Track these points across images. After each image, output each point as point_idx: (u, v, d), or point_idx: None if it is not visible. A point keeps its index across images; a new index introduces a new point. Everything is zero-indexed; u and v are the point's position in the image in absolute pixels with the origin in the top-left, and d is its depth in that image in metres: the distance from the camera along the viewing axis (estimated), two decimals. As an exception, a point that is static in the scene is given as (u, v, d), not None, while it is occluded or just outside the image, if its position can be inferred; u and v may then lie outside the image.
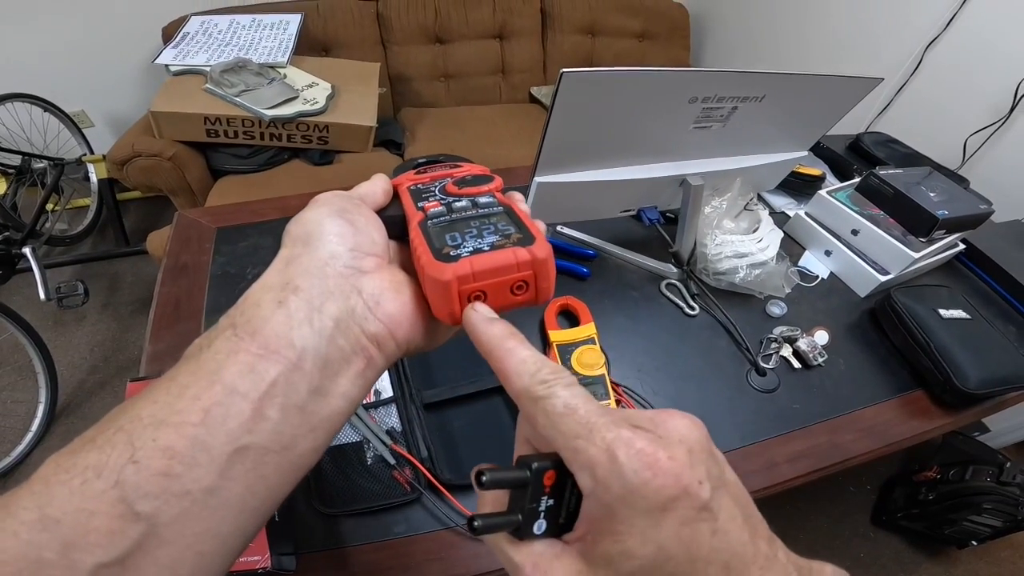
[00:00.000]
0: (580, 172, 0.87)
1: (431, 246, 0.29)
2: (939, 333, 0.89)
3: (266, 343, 0.25)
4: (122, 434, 0.22)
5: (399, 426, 0.76)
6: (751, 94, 0.83)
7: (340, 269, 0.29)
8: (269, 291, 0.27)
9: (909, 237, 1.03)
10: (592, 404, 0.23)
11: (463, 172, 0.38)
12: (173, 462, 0.22)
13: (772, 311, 0.99)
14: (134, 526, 0.21)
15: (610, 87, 0.74)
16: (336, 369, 0.27)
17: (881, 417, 0.86)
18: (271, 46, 1.97)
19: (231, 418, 0.24)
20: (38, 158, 2.11)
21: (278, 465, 0.25)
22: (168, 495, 0.22)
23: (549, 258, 0.29)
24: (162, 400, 0.24)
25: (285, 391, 0.25)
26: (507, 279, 0.28)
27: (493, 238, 0.29)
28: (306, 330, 0.26)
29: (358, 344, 0.28)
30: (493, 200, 0.33)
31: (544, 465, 0.23)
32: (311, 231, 0.30)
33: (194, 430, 0.23)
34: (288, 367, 0.25)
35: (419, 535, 0.68)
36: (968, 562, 1.60)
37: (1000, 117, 1.64)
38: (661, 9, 2.61)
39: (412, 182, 0.37)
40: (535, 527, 0.24)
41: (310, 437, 0.26)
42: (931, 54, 1.83)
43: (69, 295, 1.71)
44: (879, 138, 1.47)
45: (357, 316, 0.28)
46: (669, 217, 1.07)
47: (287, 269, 0.28)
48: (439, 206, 0.33)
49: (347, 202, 0.32)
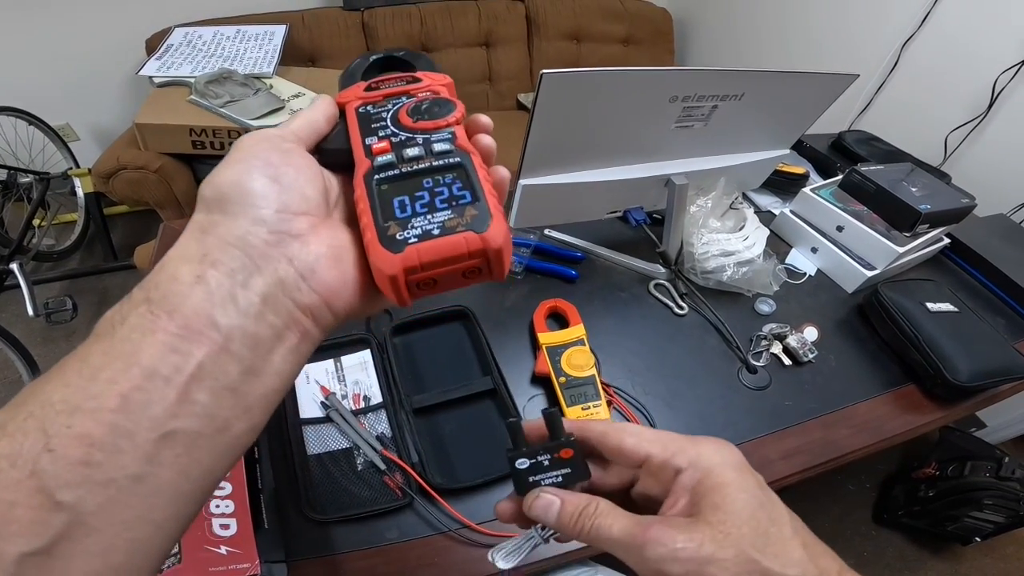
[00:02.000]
0: (565, 174, 0.87)
1: (376, 219, 0.27)
2: (928, 327, 0.90)
3: (186, 322, 0.23)
4: (33, 420, 0.21)
5: (389, 431, 0.76)
6: (730, 92, 0.84)
7: (265, 237, 0.26)
8: (186, 263, 0.25)
9: (893, 232, 1.03)
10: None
11: (422, 90, 0.33)
12: (92, 450, 0.21)
13: (761, 309, 1.00)
14: (56, 515, 0.20)
15: (590, 87, 0.74)
16: (268, 347, 0.25)
17: (874, 412, 0.86)
18: (256, 57, 1.97)
19: (154, 404, 0.22)
20: (24, 172, 2.09)
21: (212, 448, 0.24)
22: (91, 483, 0.21)
23: (504, 244, 0.27)
24: (74, 383, 0.22)
25: (214, 374, 0.23)
26: (458, 267, 0.26)
27: (445, 214, 0.27)
28: (231, 309, 0.24)
29: (290, 318, 0.26)
30: (450, 144, 0.30)
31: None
32: (227, 194, 0.26)
33: (112, 416, 0.21)
34: (215, 348, 0.23)
35: (411, 540, 0.67)
36: (973, 558, 1.60)
37: (979, 113, 1.66)
38: (645, 14, 2.64)
39: (362, 101, 0.33)
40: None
41: (245, 418, 0.25)
42: (908, 52, 1.85)
43: (57, 311, 1.69)
44: (861, 136, 1.48)
45: (288, 288, 0.26)
46: (655, 218, 1.08)
47: (204, 239, 0.25)
48: (389, 150, 0.29)
49: (272, 151, 0.28)
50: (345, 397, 0.79)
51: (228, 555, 0.59)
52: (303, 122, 0.31)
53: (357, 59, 0.37)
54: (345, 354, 0.84)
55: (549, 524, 0.33)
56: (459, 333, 0.90)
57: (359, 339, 0.85)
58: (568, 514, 0.32)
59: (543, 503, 0.33)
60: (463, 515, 0.68)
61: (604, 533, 0.30)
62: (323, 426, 0.76)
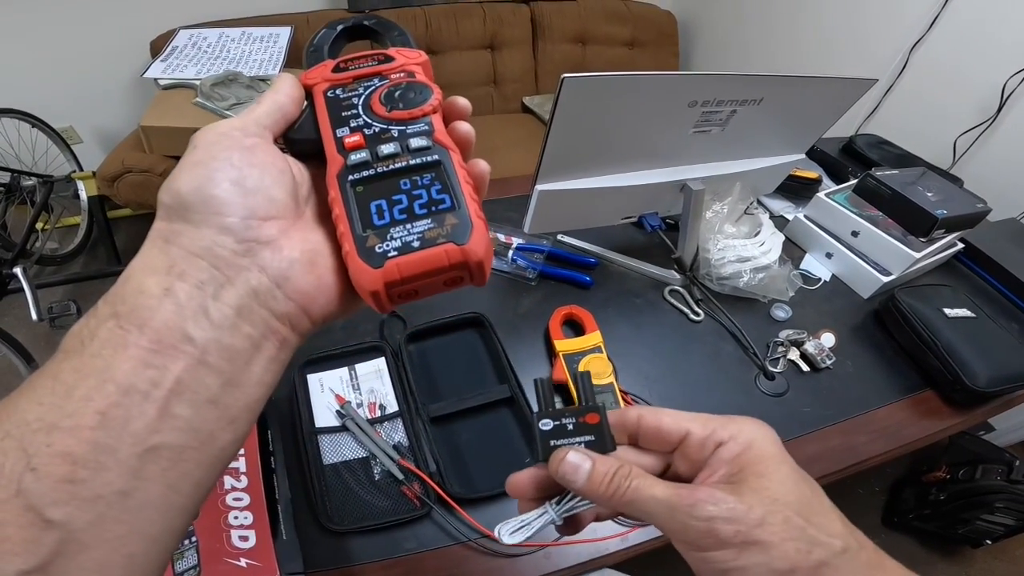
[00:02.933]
0: (581, 179, 0.86)
1: (354, 228, 0.26)
2: (946, 332, 0.89)
3: (158, 337, 0.22)
4: (10, 440, 0.21)
5: (406, 441, 0.75)
6: (750, 97, 0.83)
7: (232, 247, 0.24)
8: (152, 274, 0.24)
9: (909, 237, 1.03)
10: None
11: (395, 70, 0.31)
12: (76, 467, 0.20)
13: (777, 315, 0.99)
14: (48, 533, 0.20)
15: (611, 91, 0.74)
16: (247, 358, 0.25)
17: (893, 418, 0.86)
18: (262, 59, 1.96)
19: (133, 419, 0.21)
20: (27, 175, 2.08)
21: (199, 461, 0.23)
22: (78, 500, 0.20)
23: (485, 255, 0.26)
24: (48, 401, 0.21)
25: (193, 387, 0.23)
26: (438, 279, 0.26)
27: (425, 223, 0.26)
28: (203, 322, 0.23)
29: (267, 328, 0.25)
30: (427, 139, 0.28)
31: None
32: (188, 202, 0.25)
33: (92, 434, 0.21)
34: (192, 362, 0.23)
35: (430, 551, 0.66)
36: (984, 561, 1.60)
37: (988, 116, 1.66)
38: (649, 16, 2.63)
39: (330, 83, 0.31)
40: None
41: (230, 429, 0.24)
42: (916, 55, 1.84)
43: (61, 315, 1.69)
44: (871, 140, 1.48)
45: (262, 297, 0.25)
46: (670, 223, 1.07)
47: (168, 248, 0.24)
48: (363, 145, 0.28)
49: (234, 149, 0.26)
50: (360, 406, 0.78)
51: (248, 567, 0.58)
52: (268, 108, 0.29)
53: (323, 29, 0.34)
54: (359, 362, 0.83)
55: (576, 486, 0.31)
56: (474, 340, 0.89)
57: (373, 347, 0.84)
58: (601, 474, 0.31)
59: (573, 462, 0.31)
60: (482, 524, 0.67)
61: (645, 493, 0.29)
62: (339, 435, 0.75)
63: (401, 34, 0.35)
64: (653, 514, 0.29)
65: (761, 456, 0.29)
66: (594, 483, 0.31)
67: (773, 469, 0.29)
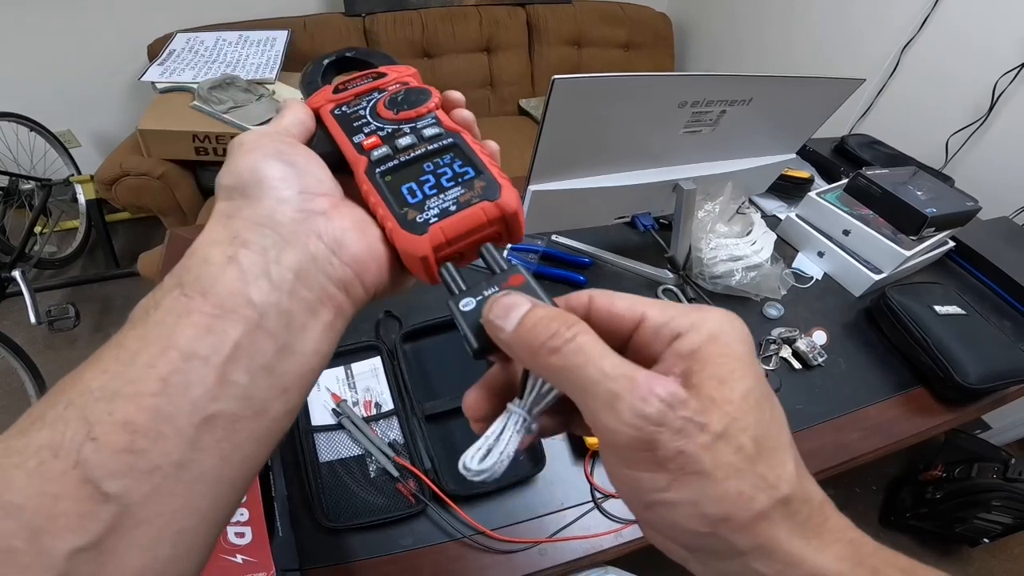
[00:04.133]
0: (574, 180, 0.87)
1: (392, 208, 0.27)
2: (936, 329, 0.90)
3: (220, 302, 0.23)
4: (73, 409, 0.20)
5: (401, 438, 0.75)
6: (739, 97, 0.84)
7: (292, 215, 0.26)
8: (216, 245, 0.24)
9: (899, 236, 1.04)
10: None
11: (391, 83, 0.34)
12: (135, 436, 0.20)
13: (769, 313, 1.00)
14: (104, 507, 0.19)
15: (602, 93, 0.75)
16: (302, 323, 0.25)
17: (885, 415, 0.87)
18: (259, 62, 1.97)
19: (194, 386, 0.21)
20: (26, 179, 2.08)
21: (252, 431, 0.23)
22: (136, 472, 0.20)
23: (519, 207, 0.28)
24: (112, 369, 0.21)
25: (250, 353, 0.23)
26: (480, 237, 0.27)
27: (456, 191, 0.28)
28: (264, 285, 0.24)
29: (324, 293, 0.26)
30: (438, 126, 0.31)
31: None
32: (248, 180, 0.26)
33: (154, 400, 0.21)
34: (250, 327, 0.23)
35: (426, 547, 0.67)
36: (982, 560, 1.60)
37: (980, 116, 1.67)
38: (645, 19, 2.64)
39: (333, 103, 0.33)
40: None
41: (282, 399, 0.24)
42: (908, 55, 1.86)
43: (60, 318, 1.68)
44: (863, 140, 1.49)
45: (320, 262, 0.26)
46: (663, 223, 1.08)
47: (231, 223, 0.25)
48: (380, 144, 0.30)
49: (279, 142, 0.29)
50: (356, 404, 0.79)
51: (244, 564, 0.58)
52: (292, 120, 0.31)
53: (309, 65, 0.37)
54: (355, 361, 0.84)
55: (504, 333, 0.23)
56: (469, 339, 0.90)
57: (369, 346, 0.85)
58: (539, 319, 0.23)
59: (507, 302, 0.24)
60: (477, 521, 0.68)
61: (591, 359, 0.21)
62: (335, 433, 0.75)
63: (386, 57, 0.37)
64: (590, 394, 0.21)
65: (725, 355, 0.22)
66: (526, 327, 0.23)
67: (738, 376, 0.22)
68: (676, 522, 0.21)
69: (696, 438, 0.20)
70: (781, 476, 0.21)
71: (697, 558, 0.23)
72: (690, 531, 0.21)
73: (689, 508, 0.21)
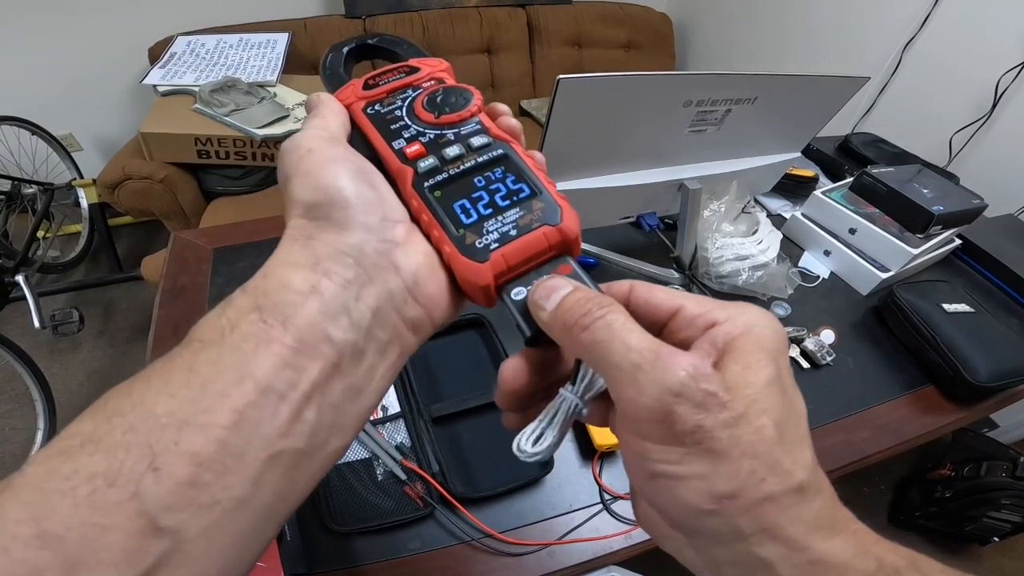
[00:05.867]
0: (579, 180, 0.87)
1: (448, 230, 0.26)
2: (945, 328, 0.89)
3: (301, 336, 0.22)
4: (135, 435, 0.19)
5: (408, 441, 0.75)
6: (744, 96, 0.84)
7: (376, 246, 0.24)
8: (297, 270, 0.23)
9: (906, 234, 1.03)
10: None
11: (424, 79, 0.31)
12: (200, 470, 0.19)
13: (776, 312, 0.99)
14: (156, 543, 0.18)
15: (607, 92, 0.74)
16: (372, 364, 0.24)
17: (895, 414, 0.86)
18: (260, 65, 1.97)
19: (266, 421, 0.20)
20: (28, 183, 2.08)
21: (309, 468, 0.22)
22: (195, 507, 0.19)
23: (578, 228, 0.27)
24: (181, 395, 0.20)
25: (323, 392, 0.22)
26: (540, 261, 0.26)
27: (515, 213, 0.26)
28: (344, 322, 0.23)
29: (395, 333, 0.25)
30: (485, 134, 0.29)
31: None
32: (332, 199, 0.24)
33: (223, 433, 0.20)
34: (328, 365, 0.22)
35: (434, 551, 0.67)
36: (992, 558, 1.60)
37: (983, 114, 1.66)
38: (645, 19, 2.64)
39: (365, 100, 0.30)
40: None
41: (340, 436, 0.23)
42: (910, 53, 1.85)
43: (64, 322, 1.69)
44: (867, 138, 1.49)
45: (396, 301, 0.25)
46: (668, 223, 1.07)
47: (312, 244, 0.24)
48: (425, 152, 0.28)
49: (352, 154, 0.26)
50: (363, 407, 0.78)
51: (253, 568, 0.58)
52: (338, 123, 0.29)
53: (329, 52, 0.34)
54: (361, 363, 0.83)
55: (545, 313, 0.24)
56: (475, 341, 0.89)
57: (375, 348, 0.85)
58: (576, 300, 0.24)
59: (551, 284, 0.25)
60: (485, 524, 0.68)
61: (618, 332, 0.22)
62: (342, 436, 0.75)
63: (411, 47, 0.34)
64: (614, 366, 0.22)
65: (756, 346, 0.22)
66: (564, 307, 0.24)
67: (764, 365, 0.22)
68: (679, 496, 0.21)
69: (717, 414, 0.20)
70: (797, 463, 0.21)
71: (693, 543, 0.23)
72: (692, 507, 0.21)
73: (697, 482, 0.21)
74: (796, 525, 0.21)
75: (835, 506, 0.22)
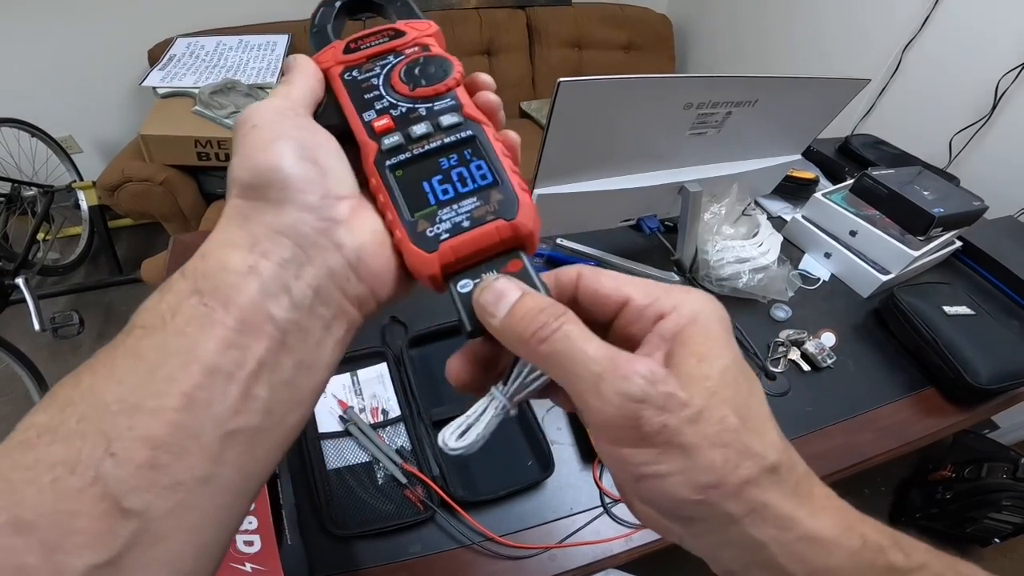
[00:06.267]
0: (579, 183, 0.87)
1: (401, 214, 0.26)
2: (946, 330, 0.89)
3: (243, 316, 0.22)
4: (88, 423, 0.19)
5: (408, 445, 0.75)
6: (744, 99, 0.84)
7: (314, 224, 0.24)
8: (235, 250, 0.23)
9: (907, 236, 1.03)
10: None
11: (408, 45, 0.30)
12: (158, 452, 0.19)
13: (777, 315, 0.99)
14: (124, 523, 0.19)
15: (607, 95, 0.74)
16: (318, 340, 0.24)
17: (896, 416, 0.86)
18: (259, 67, 1.97)
19: (217, 402, 0.21)
20: (28, 185, 2.08)
21: (269, 443, 0.23)
22: (158, 488, 0.19)
23: (535, 226, 0.26)
24: (129, 382, 0.20)
25: (271, 369, 0.23)
26: (491, 255, 0.26)
27: (471, 202, 0.26)
28: (285, 302, 0.23)
29: (339, 309, 0.25)
30: (457, 114, 0.28)
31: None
32: (268, 179, 0.24)
33: (175, 416, 0.20)
34: (273, 343, 0.23)
35: (435, 554, 0.67)
36: (993, 559, 1.59)
37: (983, 115, 1.66)
38: (645, 20, 2.64)
39: (344, 65, 0.30)
40: None
41: (298, 411, 0.24)
42: (909, 54, 1.85)
43: (64, 325, 1.68)
44: (867, 140, 1.49)
45: (338, 278, 0.25)
46: (668, 225, 1.07)
47: (249, 225, 0.24)
48: (393, 127, 0.27)
49: (298, 127, 0.26)
50: (363, 411, 0.78)
51: (253, 572, 0.58)
52: (303, 90, 0.28)
53: (321, 6, 0.32)
54: (361, 368, 0.83)
55: (495, 320, 0.24)
56: (475, 343, 0.89)
57: (375, 352, 0.85)
58: (526, 307, 0.24)
59: (498, 288, 0.25)
60: (486, 527, 0.68)
61: (576, 344, 0.22)
62: (342, 440, 0.75)
63: (404, 4, 0.33)
64: (575, 376, 0.23)
65: (704, 335, 0.23)
66: (516, 316, 0.24)
67: (716, 354, 0.23)
68: (667, 491, 0.22)
69: (679, 412, 0.21)
70: (766, 444, 0.22)
71: (692, 532, 0.23)
72: (681, 499, 0.22)
73: (679, 477, 0.21)
74: (781, 502, 0.22)
75: (813, 482, 0.24)
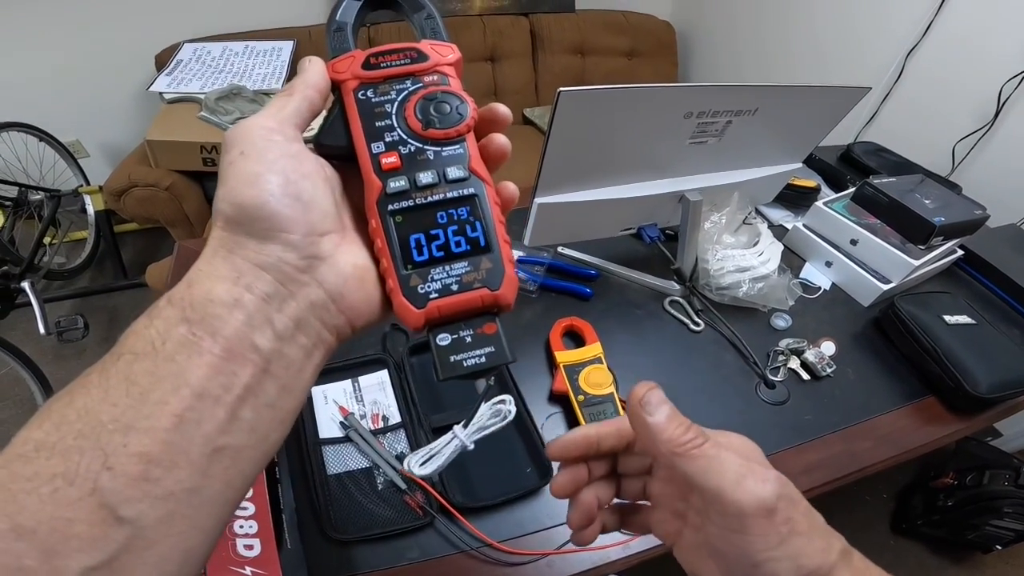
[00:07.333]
0: (580, 192, 0.87)
1: (396, 265, 0.27)
2: (946, 339, 0.89)
3: (229, 345, 0.24)
4: (85, 440, 0.21)
5: (408, 451, 0.75)
6: (745, 108, 0.84)
7: (296, 263, 0.26)
8: (220, 282, 0.25)
9: (908, 245, 1.03)
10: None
11: (428, 71, 0.30)
12: (150, 466, 0.21)
13: (777, 324, 1.00)
14: (118, 530, 0.21)
15: (607, 104, 0.75)
16: (300, 366, 0.26)
17: (895, 425, 0.86)
18: (265, 72, 1.98)
19: (205, 422, 0.23)
20: (35, 190, 2.10)
21: (253, 458, 0.25)
22: (151, 498, 0.21)
23: (513, 297, 0.28)
24: (123, 404, 0.22)
25: (256, 393, 0.24)
26: (471, 314, 0.28)
27: (462, 267, 0.28)
28: (268, 333, 0.25)
29: (319, 338, 0.27)
30: (463, 168, 0.28)
31: None
32: (251, 216, 0.25)
33: (166, 435, 0.22)
34: (257, 370, 0.24)
35: (433, 560, 0.67)
36: (994, 566, 1.59)
37: (985, 123, 1.66)
38: (648, 27, 2.65)
39: (359, 81, 0.29)
40: None
41: (279, 429, 0.26)
42: (912, 62, 1.85)
43: (69, 329, 1.70)
44: (869, 147, 1.49)
45: (318, 311, 0.26)
46: (669, 234, 1.08)
47: (232, 259, 0.25)
48: (399, 166, 0.28)
49: (284, 157, 0.26)
50: (364, 417, 0.79)
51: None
52: (299, 105, 0.29)
53: (341, 2, 0.32)
54: (363, 374, 0.84)
55: (653, 420, 0.31)
56: (476, 350, 0.90)
57: (376, 359, 0.85)
58: (680, 422, 0.31)
59: (658, 398, 0.32)
60: (484, 533, 0.68)
61: (722, 453, 0.30)
62: (342, 446, 0.76)
63: (430, 18, 0.33)
64: (720, 475, 0.29)
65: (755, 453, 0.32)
66: (673, 424, 0.31)
67: (766, 468, 0.30)
68: (778, 573, 0.27)
69: (799, 506, 0.29)
70: (833, 534, 0.30)
71: None
72: None
73: (789, 563, 0.27)
74: None
75: (866, 562, 0.30)
